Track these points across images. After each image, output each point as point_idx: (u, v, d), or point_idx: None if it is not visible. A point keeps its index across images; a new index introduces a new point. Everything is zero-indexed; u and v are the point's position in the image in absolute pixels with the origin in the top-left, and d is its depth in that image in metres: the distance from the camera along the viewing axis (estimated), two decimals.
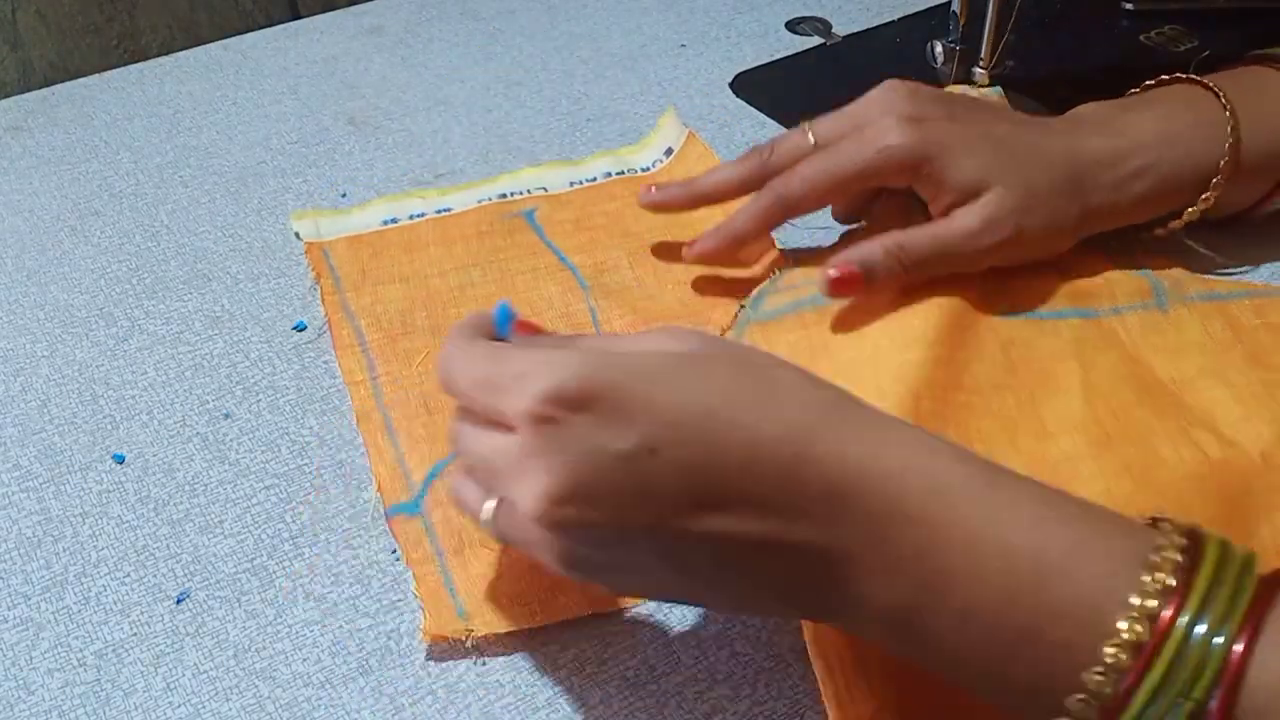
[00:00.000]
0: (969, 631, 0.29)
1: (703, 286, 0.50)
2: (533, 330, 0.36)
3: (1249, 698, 0.26)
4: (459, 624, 0.37)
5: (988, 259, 0.45)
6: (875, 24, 0.70)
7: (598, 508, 0.30)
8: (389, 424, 0.45)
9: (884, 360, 0.43)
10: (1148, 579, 0.27)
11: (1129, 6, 0.70)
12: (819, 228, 0.52)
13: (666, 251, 0.52)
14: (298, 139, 0.62)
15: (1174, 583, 0.27)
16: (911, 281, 0.45)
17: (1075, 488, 0.38)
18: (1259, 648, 0.26)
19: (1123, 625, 0.27)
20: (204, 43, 0.72)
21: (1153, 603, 0.27)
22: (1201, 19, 0.69)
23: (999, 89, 0.57)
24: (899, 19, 0.71)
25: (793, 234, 0.52)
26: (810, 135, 0.48)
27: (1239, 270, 0.51)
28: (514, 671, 0.37)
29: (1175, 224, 0.49)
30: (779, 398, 0.31)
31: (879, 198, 0.50)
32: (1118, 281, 0.48)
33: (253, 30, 0.73)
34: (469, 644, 0.37)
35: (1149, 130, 0.47)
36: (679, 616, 0.39)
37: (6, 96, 0.68)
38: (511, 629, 0.38)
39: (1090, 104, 0.49)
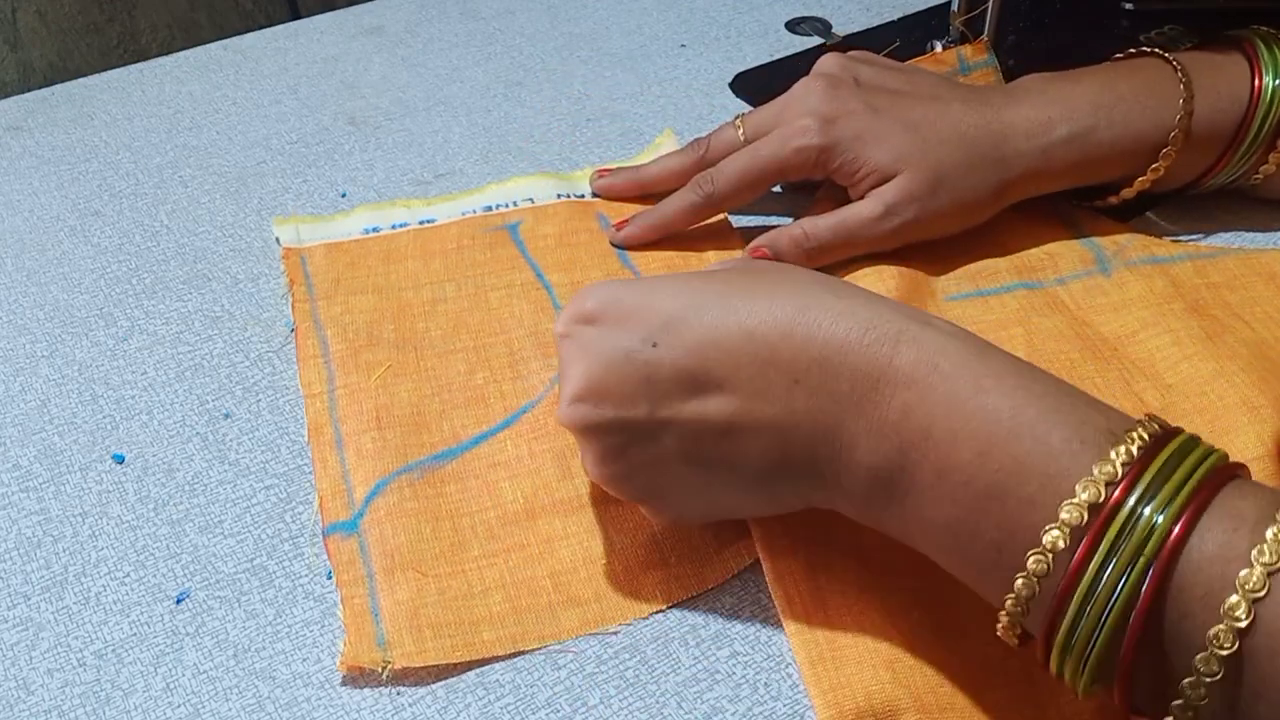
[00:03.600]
0: (943, 488, 0.30)
1: None
2: None
3: (1185, 573, 0.27)
4: (376, 654, 0.37)
5: (894, 240, 0.48)
6: (875, 24, 0.70)
7: (606, 402, 0.34)
8: (338, 437, 0.44)
9: None
10: (1112, 452, 0.28)
11: (1129, 6, 0.70)
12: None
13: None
14: (298, 139, 0.62)
15: (1132, 460, 0.28)
16: (821, 263, 0.48)
17: None
18: (1199, 528, 0.27)
19: (1081, 487, 0.28)
20: (204, 43, 0.72)
21: (1112, 470, 0.28)
22: (1201, 19, 0.69)
23: (994, 59, 0.57)
24: (899, 19, 0.71)
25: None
26: (741, 130, 0.51)
27: (1190, 237, 0.52)
28: (514, 671, 0.37)
29: (1126, 192, 0.50)
30: (773, 288, 0.34)
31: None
32: (1061, 254, 0.50)
33: (253, 30, 0.73)
34: (384, 675, 0.36)
35: (1084, 97, 0.48)
36: (678, 616, 0.39)
37: (6, 96, 0.68)
38: (429, 663, 0.37)
39: (1034, 75, 0.51)
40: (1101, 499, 0.28)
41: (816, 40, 0.70)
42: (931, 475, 0.31)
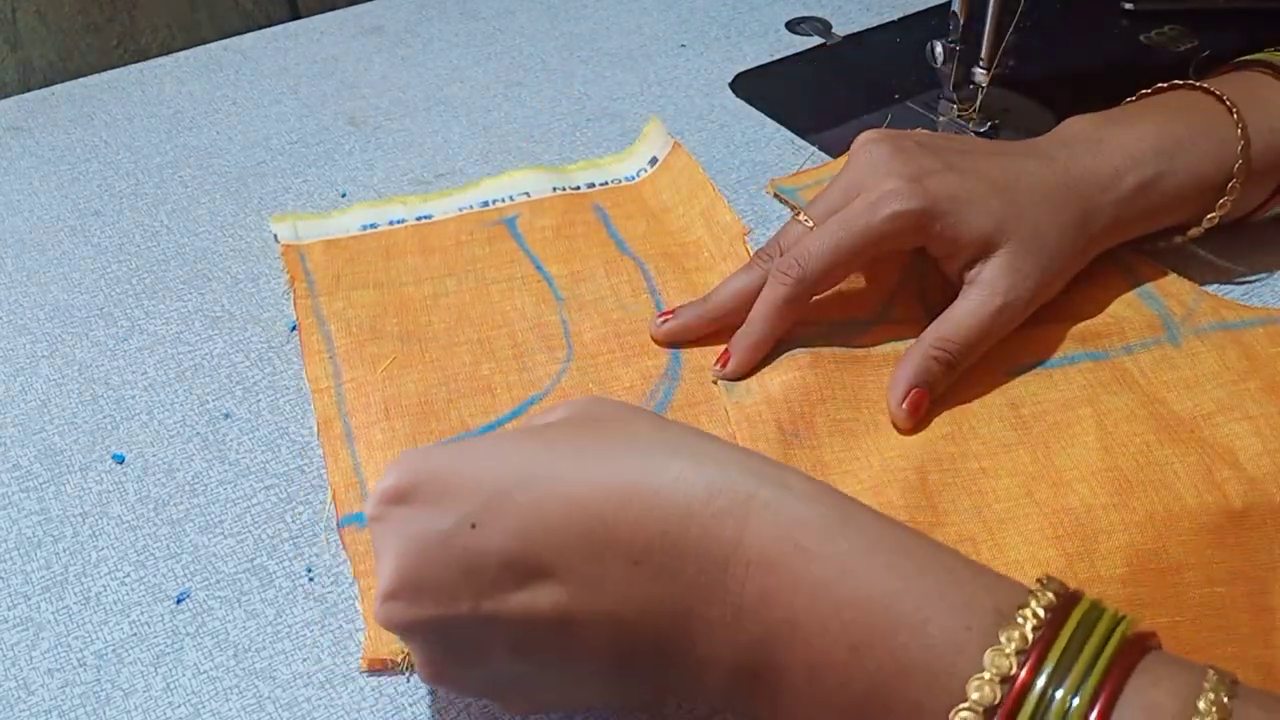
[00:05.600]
0: (818, 691, 0.26)
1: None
2: None
3: None
4: (396, 646, 0.36)
5: (1017, 323, 0.45)
6: (875, 24, 0.70)
7: (424, 598, 0.29)
8: (348, 430, 0.44)
9: (884, 433, 0.42)
10: (1003, 637, 0.25)
11: (1129, 6, 0.70)
12: None
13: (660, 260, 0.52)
14: (298, 139, 0.62)
15: (1030, 642, 0.25)
16: (962, 371, 0.44)
17: (1099, 542, 0.37)
18: (1118, 709, 0.24)
19: (973, 687, 0.24)
20: (204, 43, 0.72)
21: (1006, 663, 0.24)
22: (1201, 19, 0.69)
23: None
24: (899, 19, 0.71)
25: None
26: (808, 222, 0.45)
27: (1255, 277, 0.50)
28: None
29: (1194, 232, 0.48)
30: (610, 444, 0.29)
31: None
32: (1127, 319, 0.47)
33: (253, 30, 0.73)
34: (404, 665, 0.36)
35: (1144, 144, 0.46)
36: None
37: (6, 96, 0.68)
38: None
39: (1078, 119, 0.48)
40: (998, 699, 0.24)
41: (817, 40, 0.70)
42: (803, 673, 0.26)
